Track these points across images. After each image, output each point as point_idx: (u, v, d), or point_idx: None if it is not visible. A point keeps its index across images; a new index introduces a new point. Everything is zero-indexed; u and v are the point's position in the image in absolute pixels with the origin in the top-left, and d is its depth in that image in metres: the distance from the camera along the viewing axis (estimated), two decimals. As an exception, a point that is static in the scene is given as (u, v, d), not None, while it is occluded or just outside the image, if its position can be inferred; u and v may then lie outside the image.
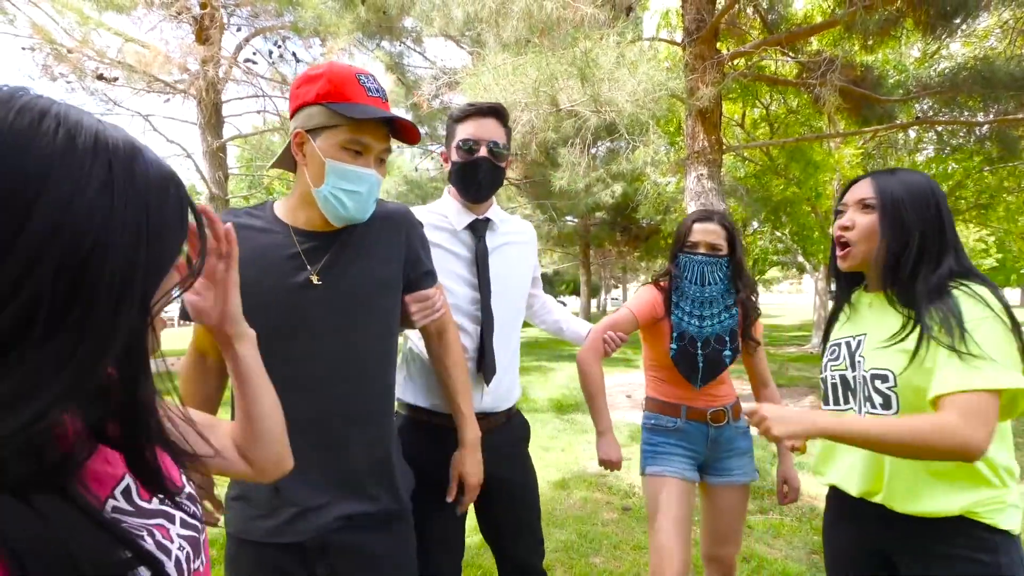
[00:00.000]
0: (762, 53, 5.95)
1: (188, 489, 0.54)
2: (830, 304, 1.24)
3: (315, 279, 0.94)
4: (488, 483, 1.25)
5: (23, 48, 7.17)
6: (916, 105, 7.19)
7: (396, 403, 1.22)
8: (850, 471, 1.08)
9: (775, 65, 8.00)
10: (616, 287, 36.94)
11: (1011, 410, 0.92)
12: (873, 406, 1.03)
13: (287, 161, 0.99)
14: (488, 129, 1.33)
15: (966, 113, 6.87)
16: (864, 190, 1.07)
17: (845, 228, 1.07)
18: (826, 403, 1.15)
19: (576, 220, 15.31)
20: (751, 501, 3.12)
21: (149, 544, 0.43)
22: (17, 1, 7.06)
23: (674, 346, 1.54)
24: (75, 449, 0.42)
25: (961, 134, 8.12)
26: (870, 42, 5.94)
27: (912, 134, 10.15)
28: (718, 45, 5.91)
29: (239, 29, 9.24)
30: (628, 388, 6.90)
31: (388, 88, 9.81)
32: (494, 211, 1.45)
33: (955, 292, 0.96)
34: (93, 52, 7.37)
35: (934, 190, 1.03)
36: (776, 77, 7.70)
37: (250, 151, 14.34)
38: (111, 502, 0.45)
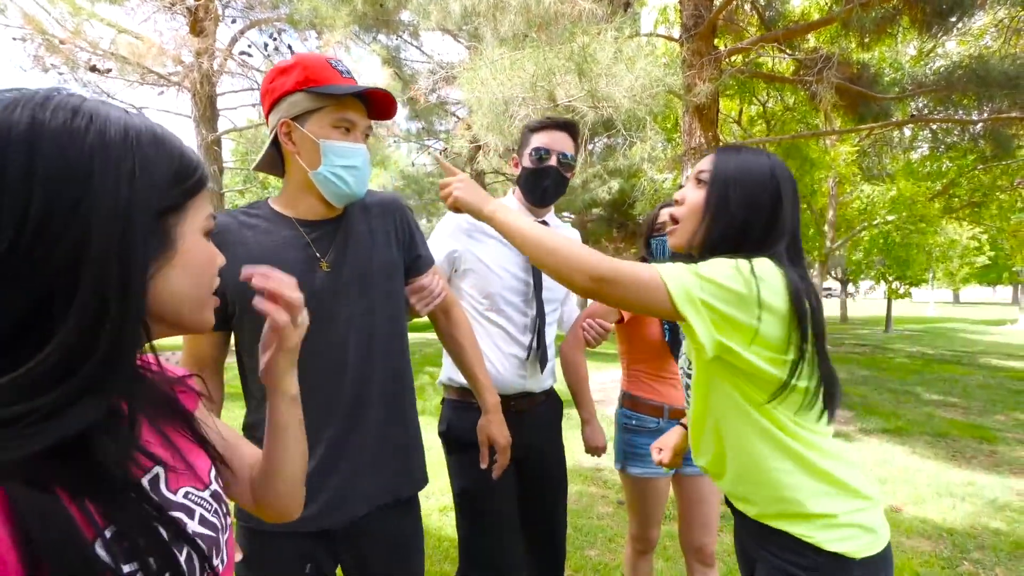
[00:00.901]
0: (759, 50, 5.95)
1: (215, 487, 0.54)
2: (824, 301, 1.21)
3: (325, 266, 0.97)
4: (530, 453, 1.38)
5: (14, 39, 7.08)
6: (911, 103, 7.22)
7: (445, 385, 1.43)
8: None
9: (772, 62, 8.01)
10: (612, 283, 37.00)
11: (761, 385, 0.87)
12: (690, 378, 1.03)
13: (269, 162, 0.99)
14: (560, 141, 1.45)
15: (960, 111, 6.91)
16: (703, 164, 0.97)
17: (676, 202, 0.99)
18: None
19: (573, 216, 15.32)
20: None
21: (170, 538, 0.43)
22: (8, -9, 6.97)
23: (666, 325, 1.58)
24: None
25: (955, 132, 8.16)
26: (866, 39, 5.96)
27: (907, 132, 10.19)
28: (715, 41, 5.91)
29: (234, 21, 9.16)
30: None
31: (385, 83, 9.78)
32: (550, 216, 1.58)
33: None
34: (86, 43, 7.29)
35: (775, 174, 0.93)
36: (773, 74, 7.71)
37: (245, 144, 14.23)
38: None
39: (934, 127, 8.58)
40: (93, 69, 7.40)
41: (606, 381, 7.13)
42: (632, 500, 1.70)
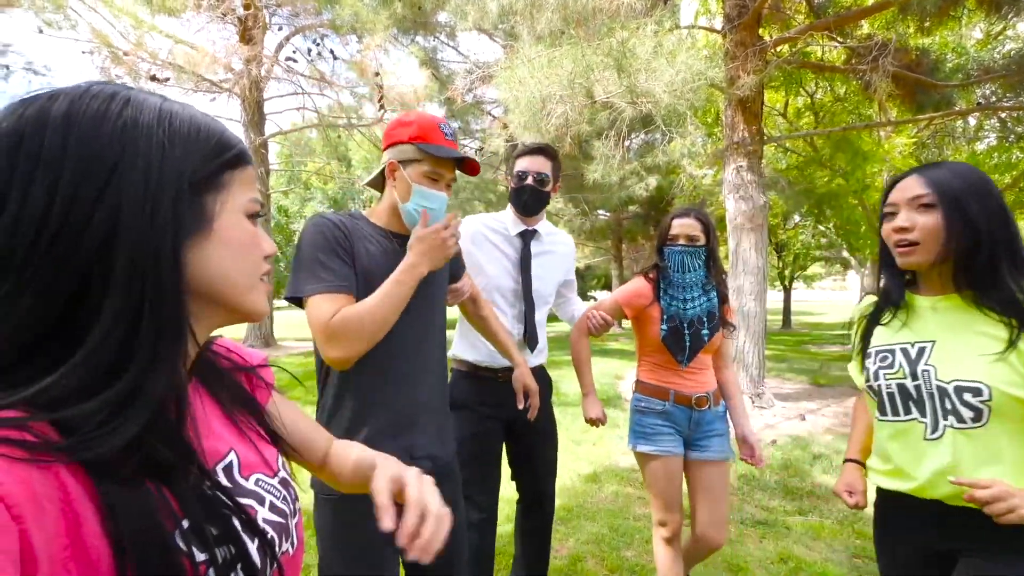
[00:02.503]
0: (808, 39, 5.70)
1: (283, 475, 0.55)
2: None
3: None
4: (519, 414, 1.61)
5: (83, 52, 7.62)
6: (977, 90, 6.74)
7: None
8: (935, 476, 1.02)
9: (822, 51, 7.64)
10: (649, 282, 36.24)
11: None
12: (960, 420, 0.97)
13: (376, 182, 1.27)
14: (536, 163, 1.75)
15: (1034, 98, 6.40)
16: (916, 187, 0.99)
17: (904, 230, 1.01)
18: (883, 413, 1.09)
19: (609, 214, 15.12)
20: (790, 502, 3.04)
21: (240, 527, 0.44)
22: (78, 7, 7.48)
23: (664, 327, 1.74)
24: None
25: (1027, 120, 7.58)
26: (927, 24, 5.60)
27: (972, 121, 9.53)
28: (760, 31, 5.70)
29: (280, 28, 9.54)
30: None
31: (423, 83, 9.92)
32: (543, 224, 1.88)
33: None
34: (147, 54, 7.76)
35: (989, 180, 0.98)
36: (823, 63, 7.37)
37: (289, 147, 14.79)
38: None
39: (1003, 115, 7.99)
40: (153, 79, 7.87)
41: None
42: (648, 481, 1.80)
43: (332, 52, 9.48)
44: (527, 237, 1.81)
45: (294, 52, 9.65)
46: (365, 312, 1.05)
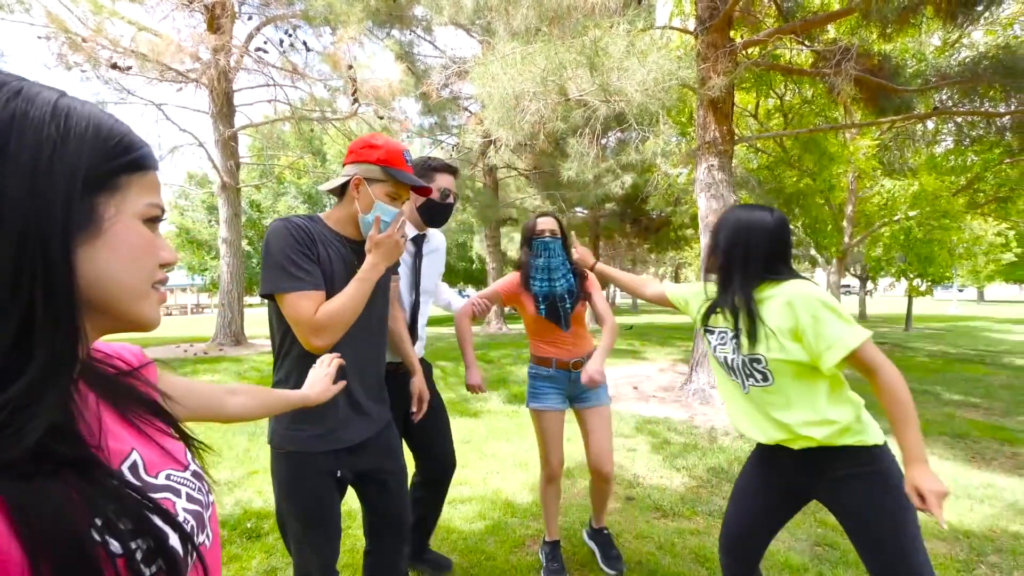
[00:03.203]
0: (776, 41, 5.84)
1: (193, 467, 0.56)
2: (842, 298, 1.36)
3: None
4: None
5: (38, 37, 7.25)
6: (935, 95, 7.02)
7: None
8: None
9: (790, 54, 7.84)
10: (625, 279, 36.66)
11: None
12: (757, 380, 1.35)
13: (338, 190, 1.43)
14: (452, 182, 2.04)
15: (987, 103, 6.70)
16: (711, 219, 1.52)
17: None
18: (725, 373, 1.46)
19: (586, 211, 15.23)
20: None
21: (156, 520, 0.44)
22: (32, -10, 7.12)
23: (542, 305, 2.14)
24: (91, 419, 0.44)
25: (981, 125, 7.93)
26: (888, 30, 5.80)
27: (930, 125, 9.92)
28: (731, 33, 5.80)
29: (250, 18, 9.26)
30: (635, 379, 6.90)
31: (398, 78, 9.76)
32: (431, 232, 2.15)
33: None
34: (107, 41, 7.44)
35: (740, 219, 1.40)
36: (791, 66, 7.56)
37: (261, 140, 14.40)
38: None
39: (959, 120, 8.35)
40: (114, 67, 7.55)
41: (617, 377, 7.11)
42: (537, 432, 2.24)
43: (305, 44, 9.26)
44: (419, 240, 2.05)
45: (265, 43, 9.38)
46: (342, 307, 1.25)
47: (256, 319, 22.11)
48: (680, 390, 5.94)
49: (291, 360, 1.35)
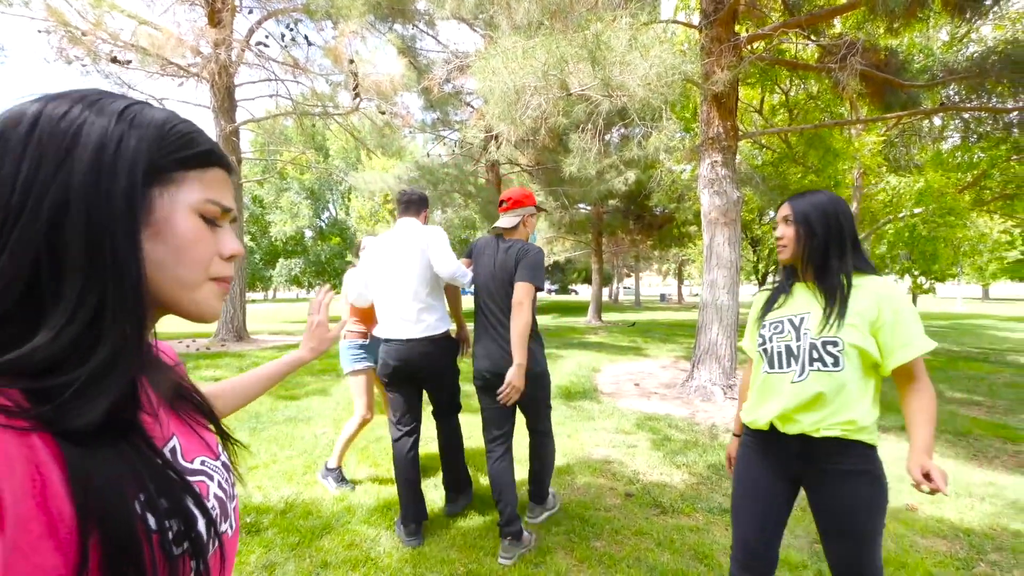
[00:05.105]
0: (782, 36, 5.77)
1: (224, 459, 0.58)
2: None
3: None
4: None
5: (38, 31, 7.24)
6: (942, 91, 6.95)
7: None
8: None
9: (796, 49, 7.77)
10: (628, 276, 36.65)
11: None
12: (824, 364, 1.35)
13: (513, 225, 2.56)
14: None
15: (994, 99, 6.63)
16: (785, 209, 1.48)
17: (779, 239, 1.50)
18: (771, 367, 1.45)
19: (589, 208, 15.17)
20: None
21: (189, 502, 0.46)
22: (33, -17, 7.10)
23: None
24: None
25: (988, 121, 7.84)
26: (895, 24, 5.72)
27: (937, 121, 9.83)
28: (736, 27, 5.75)
29: (251, 12, 9.22)
30: (637, 376, 6.89)
31: (400, 72, 9.71)
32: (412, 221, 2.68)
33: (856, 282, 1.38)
34: (107, 35, 7.42)
35: (835, 203, 1.41)
36: (796, 61, 7.49)
37: (263, 135, 14.38)
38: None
39: (966, 116, 8.26)
40: (114, 60, 7.53)
41: (619, 374, 7.09)
42: (361, 389, 3.01)
43: (306, 38, 9.22)
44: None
45: (266, 37, 9.34)
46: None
47: (258, 315, 22.13)
48: (682, 387, 5.92)
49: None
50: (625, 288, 51.73)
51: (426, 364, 2.48)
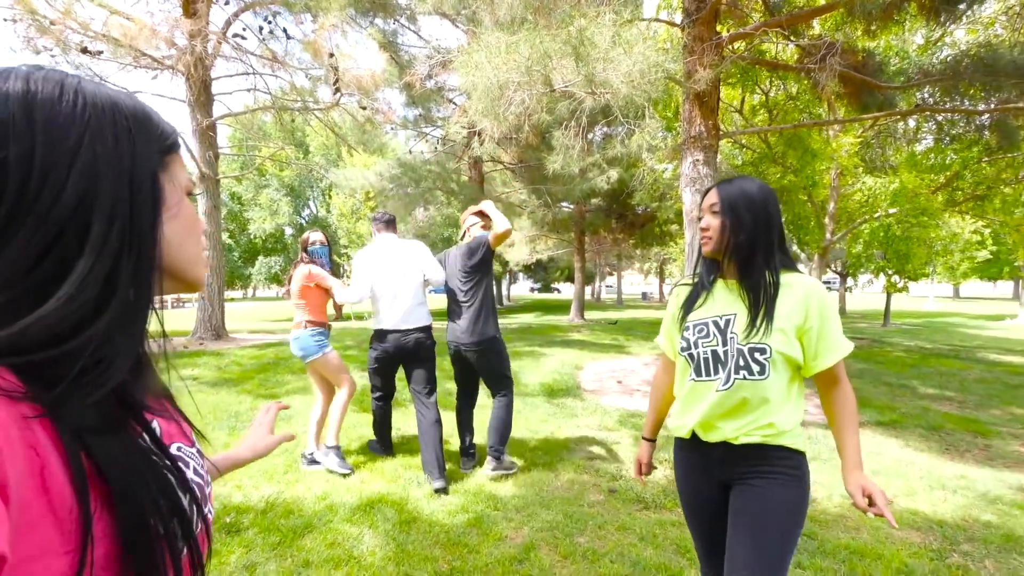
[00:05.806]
0: (762, 36, 5.84)
1: (198, 447, 0.60)
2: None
3: None
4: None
5: (4, 20, 6.95)
6: (917, 93, 7.12)
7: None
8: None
9: (776, 49, 7.88)
10: (611, 274, 36.91)
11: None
12: (750, 372, 1.26)
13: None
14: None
15: (967, 102, 6.81)
16: (712, 197, 1.34)
17: (704, 230, 1.36)
18: (698, 375, 1.34)
19: (571, 206, 15.21)
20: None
21: (173, 481, 0.47)
22: (-3, -31, 6.82)
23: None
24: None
25: (961, 123, 8.07)
26: (873, 26, 5.85)
27: (912, 123, 10.07)
28: (718, 27, 5.80)
29: (227, 3, 8.99)
30: (620, 374, 6.92)
31: (381, 67, 9.59)
32: (393, 236, 3.34)
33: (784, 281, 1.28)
34: (77, 24, 7.16)
35: (764, 193, 1.29)
36: (776, 61, 7.60)
37: (241, 130, 14.08)
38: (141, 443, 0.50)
39: (939, 118, 8.49)
40: (85, 51, 7.27)
41: (602, 371, 7.12)
42: (335, 367, 3.37)
43: (285, 31, 9.03)
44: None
45: (244, 29, 9.12)
46: None
47: (237, 313, 21.69)
48: (664, 384, 5.95)
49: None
50: (607, 287, 52.14)
51: (417, 348, 3.23)
